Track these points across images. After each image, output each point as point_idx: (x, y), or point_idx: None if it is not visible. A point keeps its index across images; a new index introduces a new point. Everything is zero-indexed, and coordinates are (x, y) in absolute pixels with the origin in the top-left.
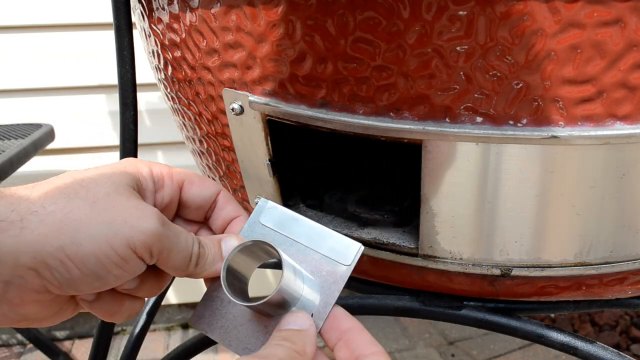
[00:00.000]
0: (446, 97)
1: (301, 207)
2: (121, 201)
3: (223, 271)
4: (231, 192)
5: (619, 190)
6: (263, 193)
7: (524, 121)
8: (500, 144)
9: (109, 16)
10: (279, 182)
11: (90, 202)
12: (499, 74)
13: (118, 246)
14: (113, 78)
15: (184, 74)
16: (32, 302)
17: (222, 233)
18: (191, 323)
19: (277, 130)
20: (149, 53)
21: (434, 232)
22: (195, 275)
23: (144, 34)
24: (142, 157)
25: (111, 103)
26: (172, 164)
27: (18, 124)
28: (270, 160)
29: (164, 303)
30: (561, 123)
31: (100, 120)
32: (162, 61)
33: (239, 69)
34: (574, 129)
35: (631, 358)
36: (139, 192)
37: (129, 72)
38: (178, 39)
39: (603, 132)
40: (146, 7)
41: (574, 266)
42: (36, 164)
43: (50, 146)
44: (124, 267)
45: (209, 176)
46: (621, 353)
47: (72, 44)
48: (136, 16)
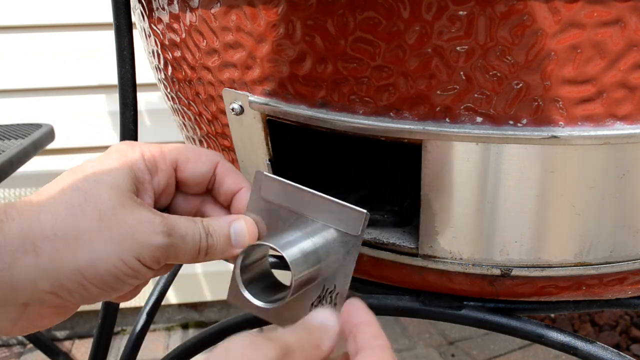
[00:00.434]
0: (446, 97)
1: None
2: (126, 216)
3: (239, 279)
4: None
5: (619, 190)
6: None
7: (524, 121)
8: (500, 144)
9: (109, 16)
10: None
11: (97, 219)
12: (499, 74)
13: (129, 261)
14: (113, 78)
15: (184, 74)
16: (50, 316)
17: (227, 206)
18: (228, 300)
19: (277, 130)
20: (149, 53)
21: (434, 232)
22: (207, 261)
23: (144, 34)
24: None
25: (111, 103)
26: None
27: (18, 124)
28: (270, 160)
29: (164, 303)
30: (561, 123)
31: (100, 120)
32: (162, 61)
33: (239, 69)
34: (574, 129)
35: (631, 358)
36: (137, 187)
37: (129, 72)
38: (178, 39)
39: (603, 132)
40: (146, 7)
41: (574, 266)
42: (36, 164)
43: (50, 146)
44: (137, 276)
45: None
46: (621, 353)
47: (72, 44)
48: (136, 16)
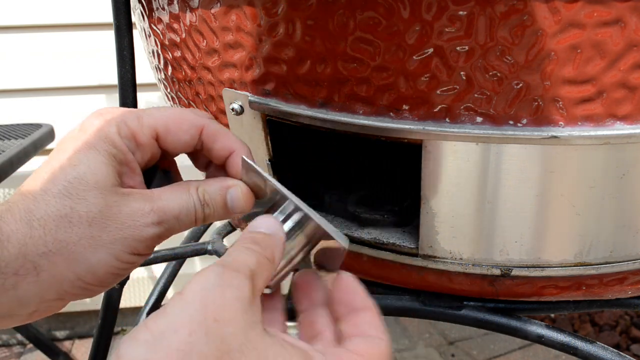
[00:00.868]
0: (446, 97)
1: None
2: (115, 216)
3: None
4: None
5: (619, 190)
6: None
7: (524, 121)
8: (500, 144)
9: (109, 16)
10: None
11: (87, 227)
12: (499, 74)
13: (125, 258)
14: (113, 78)
15: (184, 74)
16: (54, 310)
17: (221, 165)
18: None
19: (277, 130)
20: (149, 53)
21: (434, 232)
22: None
23: (144, 34)
24: None
25: (111, 103)
26: None
27: (18, 124)
28: (270, 160)
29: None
30: (561, 123)
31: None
32: (162, 61)
33: (239, 69)
34: (574, 129)
35: (631, 358)
36: (121, 171)
37: (129, 72)
38: (178, 39)
39: (603, 132)
40: (146, 7)
41: (574, 266)
42: (36, 164)
43: (50, 146)
44: (135, 265)
45: None
46: (621, 353)
47: (72, 44)
48: (136, 16)
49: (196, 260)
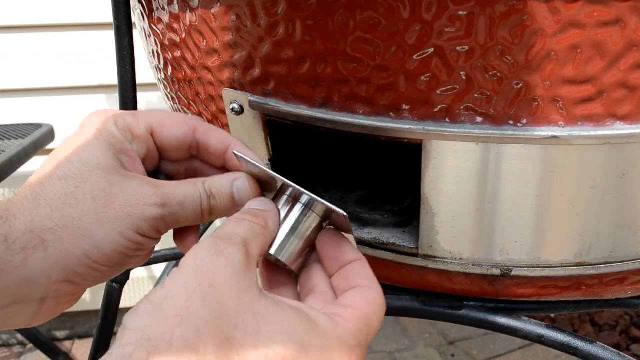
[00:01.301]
0: (446, 97)
1: None
2: (118, 194)
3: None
4: None
5: (619, 190)
6: None
7: (524, 121)
8: (500, 144)
9: (109, 16)
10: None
11: (91, 203)
12: (499, 74)
13: (131, 236)
14: (113, 78)
15: (184, 74)
16: (67, 302)
17: (221, 167)
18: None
19: (277, 130)
20: (149, 53)
21: (434, 232)
22: (213, 219)
23: (144, 34)
24: None
25: (111, 103)
26: None
27: (18, 124)
28: (270, 160)
29: None
30: (561, 123)
31: None
32: (162, 61)
33: (239, 69)
34: (574, 129)
35: (631, 358)
36: (122, 160)
37: (129, 72)
38: (178, 39)
39: (603, 132)
40: (146, 7)
41: (574, 266)
42: (36, 164)
43: (50, 146)
44: (141, 248)
45: None
46: (621, 353)
47: (72, 44)
48: (136, 16)
49: None
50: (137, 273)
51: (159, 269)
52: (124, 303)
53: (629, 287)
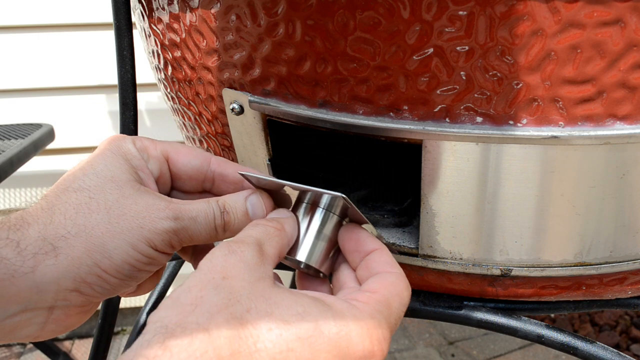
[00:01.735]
0: (446, 97)
1: None
2: (131, 206)
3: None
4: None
5: (619, 190)
6: None
7: (524, 121)
8: (500, 144)
9: (109, 16)
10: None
11: (104, 213)
12: (499, 74)
13: (142, 249)
14: (113, 78)
15: (184, 74)
16: (76, 315)
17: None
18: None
19: (277, 130)
20: (149, 53)
21: (434, 232)
22: (229, 237)
23: (144, 34)
24: None
25: (111, 103)
26: None
27: (18, 124)
28: (270, 160)
29: None
30: (561, 123)
31: (100, 120)
32: (162, 61)
33: (239, 69)
34: (574, 129)
35: (631, 358)
36: (138, 175)
37: (129, 72)
38: (178, 39)
39: (603, 132)
40: (146, 7)
41: (574, 266)
42: (36, 164)
43: (50, 146)
44: (152, 262)
45: None
46: (621, 353)
47: (72, 44)
48: (136, 16)
49: None
50: None
51: None
52: (124, 303)
53: (629, 287)
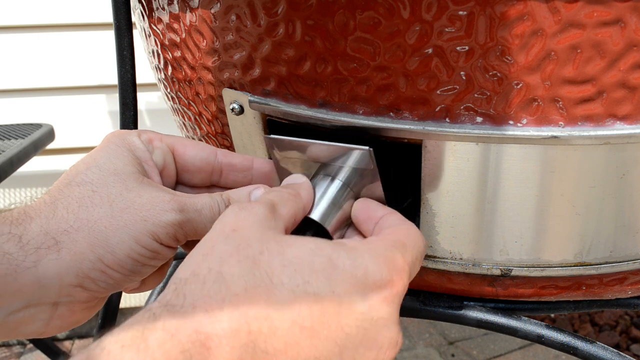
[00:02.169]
0: (446, 97)
1: None
2: (134, 199)
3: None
4: None
5: (619, 190)
6: None
7: (524, 121)
8: (500, 144)
9: (109, 16)
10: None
11: (107, 207)
12: (499, 74)
13: (146, 242)
14: (113, 78)
15: (184, 74)
16: (81, 310)
17: (249, 184)
18: None
19: (277, 130)
20: (149, 53)
21: (434, 232)
22: None
23: (144, 34)
24: None
25: (111, 103)
26: None
27: (18, 124)
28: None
29: None
30: (561, 123)
31: (100, 120)
32: (162, 61)
33: (239, 69)
34: (574, 129)
35: (631, 358)
36: (142, 167)
37: (129, 72)
38: (178, 39)
39: (603, 132)
40: (146, 7)
41: (574, 266)
42: (36, 164)
43: (50, 146)
44: (157, 257)
45: None
46: (621, 353)
47: (72, 44)
48: (136, 16)
49: None
50: None
51: None
52: (124, 303)
53: (629, 287)
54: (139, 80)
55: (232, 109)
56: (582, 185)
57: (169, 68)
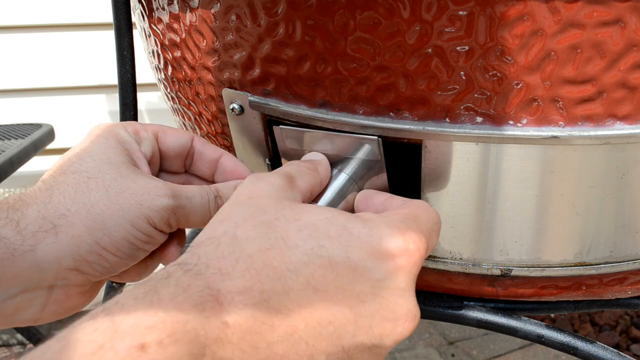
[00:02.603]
0: (446, 97)
1: None
2: (129, 185)
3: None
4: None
5: (619, 190)
6: None
7: (524, 121)
8: (500, 144)
9: (109, 16)
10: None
11: (104, 192)
12: (499, 74)
13: (142, 226)
14: (113, 78)
15: (184, 74)
16: (76, 295)
17: (211, 176)
18: None
19: None
20: (149, 53)
21: None
22: None
23: (144, 34)
24: None
25: (111, 103)
26: None
27: (18, 124)
28: (270, 161)
29: None
30: (561, 123)
31: (100, 120)
32: (162, 61)
33: (239, 69)
34: (574, 129)
35: (631, 358)
36: (131, 158)
37: (129, 72)
38: (178, 39)
39: (603, 132)
40: (146, 7)
41: (574, 266)
42: (36, 164)
43: (50, 146)
44: (151, 241)
45: None
46: (621, 353)
47: (72, 44)
48: (136, 16)
49: None
50: None
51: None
52: None
53: (629, 287)
54: (139, 80)
55: (232, 109)
56: (582, 185)
57: (169, 68)
